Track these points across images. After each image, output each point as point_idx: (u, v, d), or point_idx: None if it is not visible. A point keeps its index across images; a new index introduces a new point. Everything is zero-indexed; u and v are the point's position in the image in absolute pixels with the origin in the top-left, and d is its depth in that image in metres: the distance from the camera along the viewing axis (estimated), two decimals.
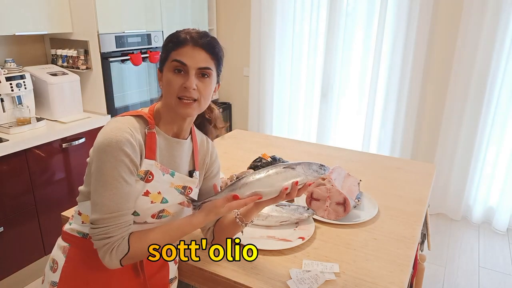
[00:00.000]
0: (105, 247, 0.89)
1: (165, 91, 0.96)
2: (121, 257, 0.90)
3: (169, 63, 0.95)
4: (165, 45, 0.97)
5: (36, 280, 2.33)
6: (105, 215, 0.89)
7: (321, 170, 1.05)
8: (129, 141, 0.90)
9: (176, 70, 0.94)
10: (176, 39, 0.95)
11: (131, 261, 0.94)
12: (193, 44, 0.94)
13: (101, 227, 0.89)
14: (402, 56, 3.02)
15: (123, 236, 0.91)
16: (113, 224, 0.89)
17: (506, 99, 2.81)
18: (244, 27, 3.71)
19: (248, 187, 1.01)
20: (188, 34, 0.95)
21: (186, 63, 0.93)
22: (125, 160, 0.89)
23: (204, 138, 1.15)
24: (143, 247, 0.93)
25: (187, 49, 0.94)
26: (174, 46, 0.94)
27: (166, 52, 0.96)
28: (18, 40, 2.58)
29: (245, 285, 1.04)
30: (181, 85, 0.93)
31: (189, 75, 0.94)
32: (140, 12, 2.79)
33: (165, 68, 0.96)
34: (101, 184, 0.89)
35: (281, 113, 3.71)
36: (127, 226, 0.92)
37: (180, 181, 1.02)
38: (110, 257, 0.89)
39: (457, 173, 3.05)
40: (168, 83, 0.94)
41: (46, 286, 1.01)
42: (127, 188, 0.90)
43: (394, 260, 1.15)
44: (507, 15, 2.63)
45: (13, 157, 2.07)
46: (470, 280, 2.39)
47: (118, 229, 0.90)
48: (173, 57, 0.94)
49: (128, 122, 0.93)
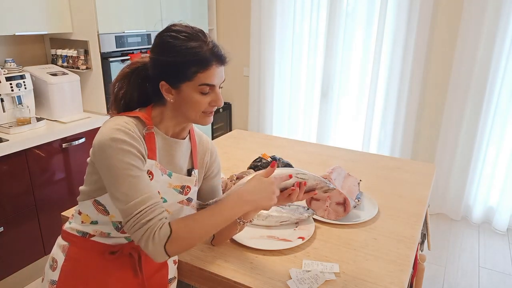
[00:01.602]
0: (145, 235, 0.84)
1: (186, 107, 0.94)
2: (165, 241, 0.85)
3: (195, 84, 0.91)
4: (181, 62, 0.89)
5: (36, 280, 2.33)
6: (130, 202, 0.85)
7: (329, 184, 1.11)
8: (131, 135, 0.90)
9: (203, 93, 0.92)
10: (199, 61, 0.89)
11: (177, 248, 0.87)
12: (217, 63, 0.92)
13: (134, 216, 0.85)
14: (402, 56, 3.02)
15: (160, 218, 0.86)
16: (144, 207, 0.85)
17: (506, 99, 2.81)
18: (244, 27, 3.71)
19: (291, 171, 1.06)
20: (208, 51, 0.90)
21: (214, 84, 0.93)
22: (131, 149, 0.88)
23: (203, 136, 1.15)
24: (186, 228, 0.88)
25: (213, 70, 0.91)
26: (200, 68, 0.90)
27: (186, 72, 0.90)
28: (18, 40, 2.58)
29: (245, 285, 1.04)
30: (209, 103, 0.94)
31: (216, 93, 0.94)
32: (140, 12, 2.79)
33: (185, 86, 0.92)
34: (114, 179, 0.86)
35: (281, 113, 3.71)
36: (160, 207, 0.88)
37: (177, 181, 1.02)
38: (153, 242, 0.84)
39: (457, 173, 3.05)
40: (194, 102, 0.92)
41: (46, 285, 1.01)
42: (141, 173, 0.88)
43: (394, 260, 1.15)
44: (507, 15, 2.63)
45: (13, 157, 2.07)
46: (470, 280, 2.39)
47: (151, 212, 0.86)
48: (201, 80, 0.91)
49: (126, 121, 0.93)
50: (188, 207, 1.06)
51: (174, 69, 0.91)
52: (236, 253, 1.18)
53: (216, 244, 1.20)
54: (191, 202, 1.06)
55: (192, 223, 0.90)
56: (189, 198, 1.05)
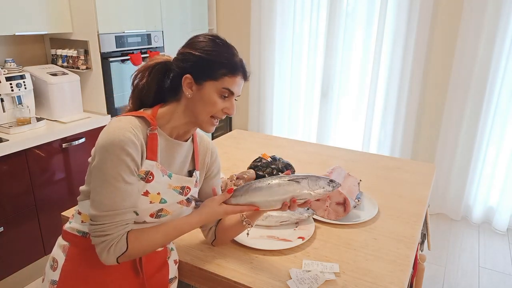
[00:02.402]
0: (102, 244, 0.90)
1: (201, 105, 0.97)
2: (119, 255, 0.91)
3: (219, 86, 0.96)
4: (215, 62, 0.95)
5: (36, 280, 2.33)
6: (102, 212, 0.89)
7: (328, 187, 1.03)
8: (131, 140, 0.90)
9: (222, 96, 0.97)
10: (231, 66, 0.96)
11: (128, 259, 0.94)
12: (242, 75, 0.99)
13: (98, 224, 0.90)
14: (402, 56, 3.02)
15: (120, 234, 0.91)
16: (109, 222, 0.89)
17: (506, 99, 2.81)
18: (244, 27, 3.71)
19: (249, 196, 1.02)
20: (239, 61, 0.98)
21: (234, 92, 0.98)
22: (126, 159, 0.90)
23: (204, 137, 1.15)
24: (141, 246, 0.93)
25: (238, 79, 0.98)
26: (229, 72, 0.96)
27: (217, 71, 0.95)
28: (18, 40, 2.58)
29: (245, 285, 1.04)
30: (222, 109, 0.98)
31: (231, 102, 0.99)
32: (140, 12, 2.79)
33: (209, 85, 0.96)
34: (100, 182, 0.89)
35: (281, 113, 3.71)
36: (124, 225, 0.92)
37: (177, 182, 1.02)
38: (108, 254, 0.90)
39: (457, 173, 3.05)
40: (211, 102, 0.96)
41: (46, 285, 1.01)
42: (125, 187, 0.90)
43: (394, 260, 1.15)
44: (507, 15, 2.63)
45: (13, 157, 2.07)
46: (470, 280, 2.39)
47: (115, 228, 0.90)
48: (226, 84, 0.96)
49: (131, 122, 0.93)
50: (188, 208, 1.06)
51: (205, 65, 0.95)
52: (236, 253, 1.18)
53: (216, 245, 1.20)
54: (190, 203, 1.06)
55: (146, 242, 0.94)
56: (188, 199, 1.05)
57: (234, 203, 1.04)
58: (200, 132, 1.15)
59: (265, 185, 1.02)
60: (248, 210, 1.04)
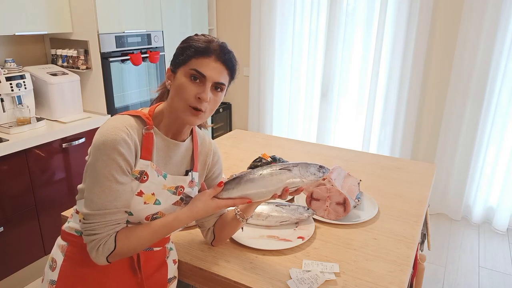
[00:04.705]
0: (92, 243, 0.90)
1: (175, 94, 0.95)
2: (108, 254, 0.90)
3: (186, 68, 0.93)
4: (186, 47, 0.95)
5: (36, 280, 2.33)
6: (92, 211, 0.89)
7: (319, 173, 1.03)
8: (124, 140, 0.90)
9: (192, 77, 0.93)
10: (200, 47, 0.93)
11: (118, 258, 0.94)
12: (216, 57, 0.94)
13: (89, 223, 0.90)
14: (402, 56, 3.02)
15: (109, 234, 0.91)
16: (99, 221, 0.90)
17: (506, 99, 2.81)
18: (244, 27, 3.71)
19: (241, 188, 1.01)
20: (213, 45, 0.94)
21: (205, 75, 0.93)
22: (118, 159, 0.89)
23: (206, 138, 1.14)
24: (130, 244, 0.93)
25: (209, 61, 0.93)
26: (197, 53, 0.93)
27: (185, 55, 0.94)
28: (18, 40, 2.58)
29: (245, 285, 1.04)
30: (195, 95, 0.93)
31: (205, 87, 0.93)
32: (140, 12, 2.79)
33: (180, 71, 0.95)
34: (92, 180, 0.90)
35: (281, 113, 3.71)
36: (114, 225, 0.92)
37: (172, 183, 1.02)
38: (97, 253, 0.90)
39: (457, 173, 3.05)
40: (181, 88, 0.93)
41: (46, 285, 1.01)
42: (117, 187, 0.90)
43: (394, 260, 1.15)
44: (507, 15, 2.63)
45: (13, 157, 2.07)
46: (470, 280, 2.39)
47: (104, 227, 0.90)
48: (193, 65, 0.93)
49: (126, 121, 0.93)
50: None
51: (178, 53, 0.96)
52: (236, 253, 1.18)
53: (216, 245, 1.20)
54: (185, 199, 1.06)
55: (135, 240, 0.93)
56: (181, 198, 1.05)
57: (225, 197, 1.02)
58: (201, 132, 1.14)
59: (258, 175, 1.01)
60: (241, 203, 1.02)
